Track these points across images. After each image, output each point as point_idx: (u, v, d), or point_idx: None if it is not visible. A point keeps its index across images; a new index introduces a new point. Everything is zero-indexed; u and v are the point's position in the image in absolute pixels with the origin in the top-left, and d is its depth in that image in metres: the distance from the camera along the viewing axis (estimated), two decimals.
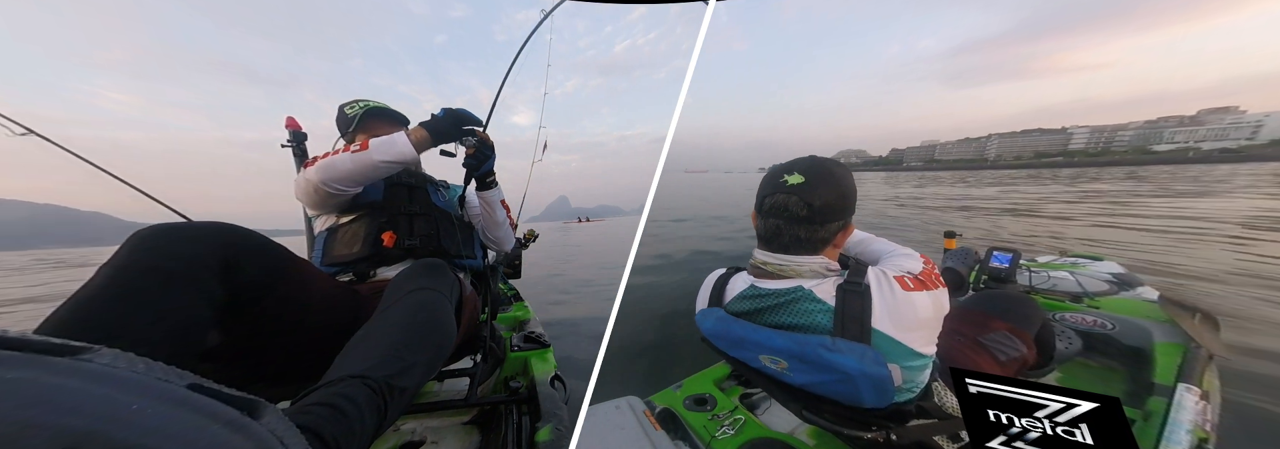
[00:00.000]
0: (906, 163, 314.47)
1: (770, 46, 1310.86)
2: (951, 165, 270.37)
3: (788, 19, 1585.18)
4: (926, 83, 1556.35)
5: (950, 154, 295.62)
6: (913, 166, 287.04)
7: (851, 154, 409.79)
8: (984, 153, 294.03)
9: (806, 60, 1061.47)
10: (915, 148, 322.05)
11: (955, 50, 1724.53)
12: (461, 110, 1.10)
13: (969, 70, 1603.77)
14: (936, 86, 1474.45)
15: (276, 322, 0.80)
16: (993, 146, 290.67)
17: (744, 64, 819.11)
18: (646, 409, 1.20)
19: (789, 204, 0.74)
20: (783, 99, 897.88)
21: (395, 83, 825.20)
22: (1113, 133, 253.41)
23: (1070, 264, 2.25)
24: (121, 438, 0.22)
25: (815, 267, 0.77)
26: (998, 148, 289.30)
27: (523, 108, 18.52)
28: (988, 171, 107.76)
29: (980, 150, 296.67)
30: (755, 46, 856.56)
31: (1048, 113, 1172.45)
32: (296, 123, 1.54)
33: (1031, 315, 1.15)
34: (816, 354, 0.70)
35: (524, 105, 11.96)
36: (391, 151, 1.02)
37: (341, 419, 0.52)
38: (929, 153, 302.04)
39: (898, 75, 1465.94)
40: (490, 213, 1.34)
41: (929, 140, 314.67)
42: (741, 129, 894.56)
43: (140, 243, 0.64)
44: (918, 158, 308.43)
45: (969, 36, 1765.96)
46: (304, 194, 1.07)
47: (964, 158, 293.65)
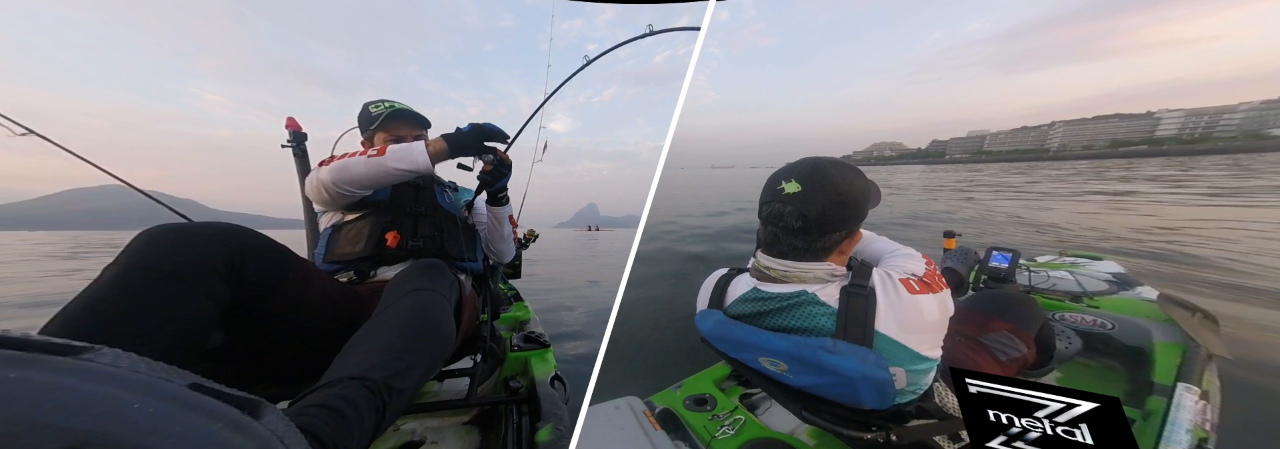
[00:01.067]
0: (949, 155, 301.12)
1: (798, 41, 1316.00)
2: (1004, 157, 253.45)
3: (817, 10, 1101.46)
4: (973, 70, 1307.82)
5: (1002, 144, 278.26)
6: (957, 159, 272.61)
7: (886, 147, 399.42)
8: (1045, 142, 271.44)
9: (837, 53, 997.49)
10: (960, 139, 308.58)
11: (1009, 33, 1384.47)
12: (487, 125, 1.09)
13: (1026, 54, 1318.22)
14: (985, 73, 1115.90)
15: (278, 322, 0.80)
16: (1057, 135, 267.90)
17: (771, 59, 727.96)
18: (646, 409, 1.20)
19: (784, 214, 0.72)
20: (812, 93, 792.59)
21: (444, 88, 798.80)
22: (1215, 116, 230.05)
23: (1070, 264, 2.25)
24: (123, 437, 0.22)
25: (820, 272, 0.75)
26: (1063, 136, 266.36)
27: (561, 115, 18.44)
28: (1049, 163, 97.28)
29: (1040, 140, 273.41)
30: (783, 41, 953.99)
31: (1123, 97, 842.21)
32: (296, 123, 1.54)
33: (1032, 315, 1.15)
34: (816, 356, 0.69)
35: (562, 113, 11.84)
36: (407, 160, 1.02)
37: (340, 421, 0.52)
38: (976, 144, 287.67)
39: (938, 63, 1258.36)
40: (497, 227, 1.38)
41: (977, 130, 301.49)
42: (768, 124, 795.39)
43: (146, 243, 0.64)
44: (963, 150, 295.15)
45: (1027, 17, 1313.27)
46: (314, 192, 1.08)
47: (1019, 148, 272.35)
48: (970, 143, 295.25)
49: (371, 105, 1.26)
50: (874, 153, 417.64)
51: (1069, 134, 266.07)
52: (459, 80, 78.37)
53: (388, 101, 1.27)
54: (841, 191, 0.71)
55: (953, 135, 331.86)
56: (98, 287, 0.59)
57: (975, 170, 38.06)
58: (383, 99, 1.29)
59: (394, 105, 1.25)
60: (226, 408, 0.28)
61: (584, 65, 1.68)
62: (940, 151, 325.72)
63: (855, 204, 0.72)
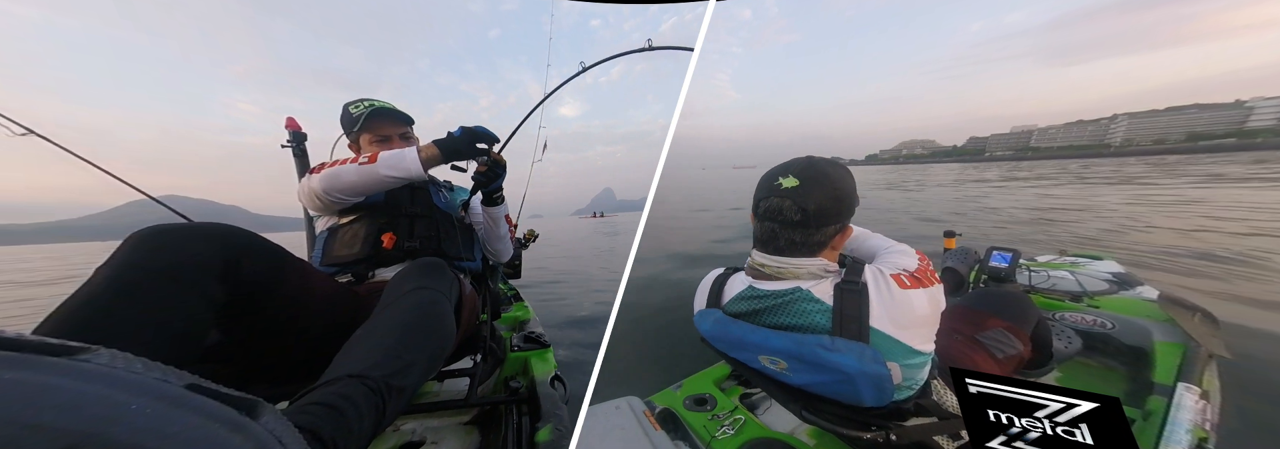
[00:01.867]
0: (990, 152, 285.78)
1: (822, 36, 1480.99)
2: (1055, 153, 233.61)
3: (842, 5, 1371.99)
4: (1018, 62, 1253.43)
5: (1053, 140, 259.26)
6: (998, 156, 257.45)
7: (917, 145, 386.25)
8: (1105, 137, 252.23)
9: (864, 48, 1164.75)
10: (1002, 135, 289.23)
11: (1056, 22, 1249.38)
12: (478, 128, 1.09)
13: (1079, 44, 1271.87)
14: (1030, 66, 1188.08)
15: (275, 322, 0.80)
16: (1119, 129, 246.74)
17: (794, 57, 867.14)
18: (646, 409, 1.20)
19: (783, 208, 0.74)
20: (837, 90, 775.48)
21: (457, 81, 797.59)
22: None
23: (1070, 264, 2.25)
24: (120, 438, 0.22)
25: (813, 268, 0.76)
26: (1127, 130, 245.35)
27: (570, 99, 17.98)
28: (1109, 160, 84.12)
29: (1100, 134, 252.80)
30: (806, 37, 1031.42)
31: (1196, 86, 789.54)
32: (296, 123, 1.54)
33: (1027, 312, 1.16)
34: (815, 354, 0.70)
35: (571, 97, 11.59)
36: (399, 168, 1.02)
37: (340, 419, 0.52)
38: (1022, 140, 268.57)
39: (977, 57, 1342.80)
40: (493, 227, 1.37)
41: (1022, 126, 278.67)
42: (792, 123, 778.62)
43: (140, 243, 0.64)
44: (1006, 146, 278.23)
45: (1076, 5, 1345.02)
46: (306, 199, 1.08)
47: (1074, 144, 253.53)
48: (1014, 139, 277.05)
49: (351, 106, 1.23)
50: (903, 151, 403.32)
51: (1135, 127, 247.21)
52: (470, 72, 77.91)
53: (367, 100, 1.24)
54: (837, 186, 0.74)
55: (994, 131, 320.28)
56: (91, 287, 0.59)
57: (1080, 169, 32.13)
58: (362, 98, 1.26)
59: (374, 104, 1.22)
60: (224, 408, 0.28)
61: (579, 72, 1.68)
62: (979, 149, 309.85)
63: (848, 199, 0.76)
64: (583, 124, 55.64)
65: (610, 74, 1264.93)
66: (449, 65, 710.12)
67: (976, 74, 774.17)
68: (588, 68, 1.68)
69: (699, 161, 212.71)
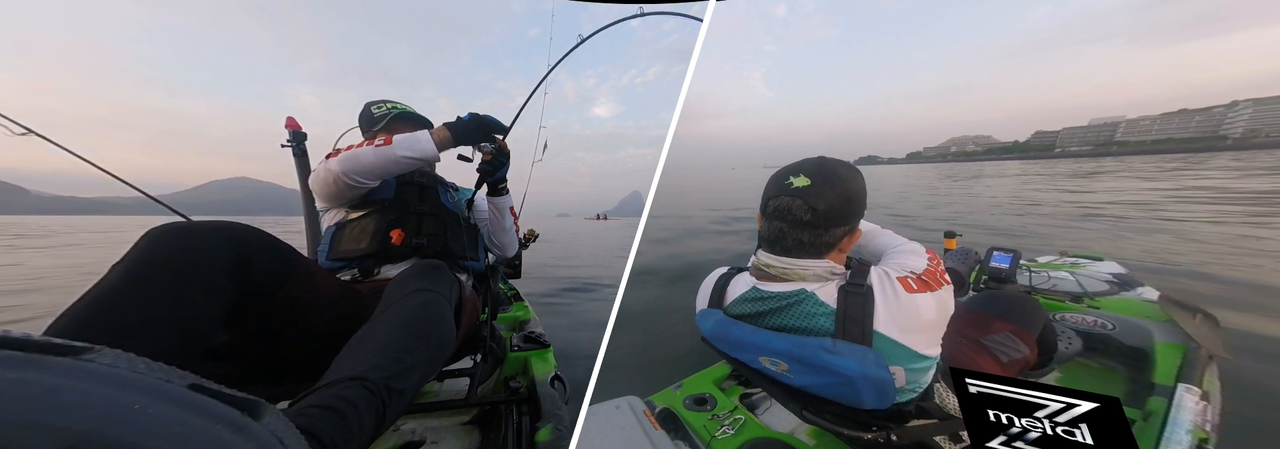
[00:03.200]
0: (1061, 148, 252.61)
1: (863, 28, 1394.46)
2: (1149, 147, 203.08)
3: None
4: (1104, 45, 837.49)
5: (1146, 133, 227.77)
6: (1072, 152, 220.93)
7: (967, 141, 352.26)
8: (1219, 128, 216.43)
9: (910, 40, 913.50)
10: (1078, 129, 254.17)
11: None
12: (487, 116, 1.14)
13: (1181, 20, 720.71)
14: (1116, 48, 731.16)
15: (280, 321, 0.80)
16: (1241, 118, 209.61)
17: (832, 51, 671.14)
18: (646, 409, 1.20)
19: (793, 207, 0.73)
20: (877, 85, 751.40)
21: (494, 79, 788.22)
22: None
23: (1070, 264, 2.25)
24: (122, 438, 0.22)
25: (819, 270, 0.75)
26: (1252, 119, 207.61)
27: (604, 99, 17.49)
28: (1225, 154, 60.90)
29: (1212, 125, 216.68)
30: (846, 31, 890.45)
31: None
32: (296, 123, 1.55)
33: (1034, 317, 1.15)
34: (816, 356, 0.69)
35: (605, 97, 11.27)
36: (414, 148, 1.06)
37: (339, 421, 0.52)
38: (1105, 133, 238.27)
39: (1047, 42, 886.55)
40: (498, 219, 1.39)
41: (1105, 117, 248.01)
42: (826, 121, 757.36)
43: (155, 240, 0.64)
44: (1083, 141, 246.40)
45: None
46: (322, 184, 1.08)
47: (1176, 136, 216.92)
48: (1093, 133, 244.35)
49: (374, 106, 1.28)
50: (952, 148, 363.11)
51: (1262, 115, 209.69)
52: (508, 70, 76.67)
53: (390, 102, 1.29)
54: (848, 187, 0.73)
55: (1065, 124, 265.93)
56: (105, 285, 0.59)
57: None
58: (385, 100, 1.31)
59: (397, 107, 1.27)
60: (226, 409, 0.28)
61: (578, 44, 1.66)
62: (1047, 144, 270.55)
63: (858, 200, 0.74)
64: (616, 124, 53.83)
65: (646, 75, 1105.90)
66: (489, 63, 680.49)
67: (1047, 61, 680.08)
68: (585, 39, 1.66)
69: (730, 161, 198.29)
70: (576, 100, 34.01)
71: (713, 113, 35.87)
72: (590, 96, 31.69)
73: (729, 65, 53.41)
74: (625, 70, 37.54)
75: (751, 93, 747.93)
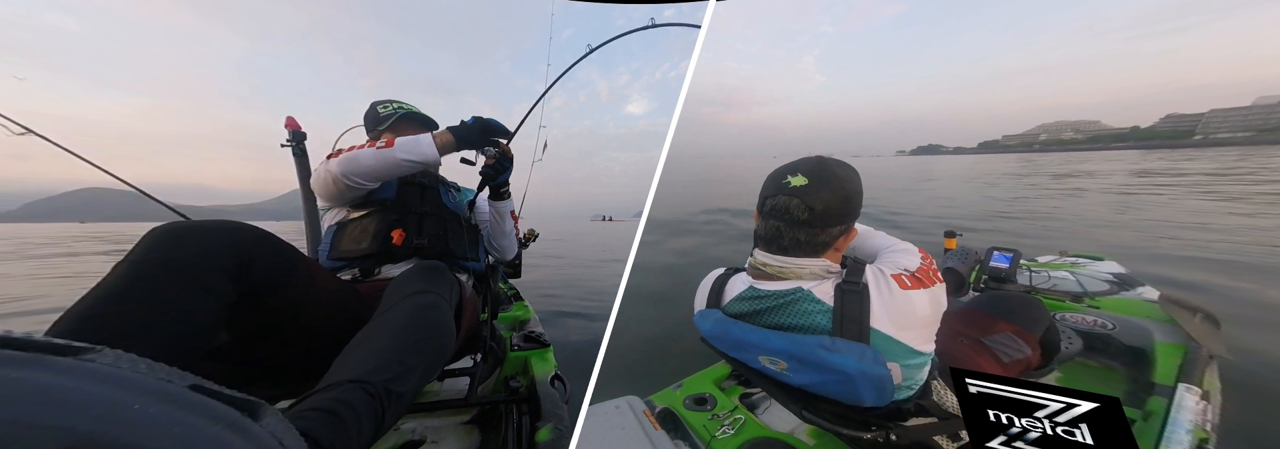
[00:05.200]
0: (1204, 134, 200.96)
1: (939, 3, 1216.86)
2: None
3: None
4: (1251, 9, 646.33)
5: None
6: (1221, 139, 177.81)
7: (1066, 127, 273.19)
8: None
9: (996, 13, 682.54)
10: (1231, 111, 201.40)
11: None
12: (491, 120, 1.13)
13: None
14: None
15: (281, 321, 0.80)
16: None
17: (898, 31, 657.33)
18: (646, 409, 1.20)
19: (790, 206, 0.73)
20: (950, 66, 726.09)
21: (531, 82, 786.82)
22: None
23: (1070, 264, 2.25)
24: (123, 438, 0.22)
25: (816, 269, 0.76)
26: None
27: (637, 96, 17.08)
28: None
29: None
30: (915, 7, 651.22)
31: None
32: (296, 123, 1.55)
33: (1038, 318, 1.15)
34: (815, 354, 0.70)
35: (639, 94, 10.96)
36: (415, 151, 1.05)
37: (338, 424, 0.52)
38: (1273, 116, 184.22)
39: (1173, 9, 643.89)
40: (499, 222, 1.39)
41: (1272, 96, 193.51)
42: (888, 106, 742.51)
43: (157, 240, 0.64)
44: (1237, 126, 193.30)
45: None
46: (322, 185, 1.08)
47: None
48: (1255, 116, 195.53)
49: (380, 106, 1.27)
50: (1042, 135, 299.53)
51: None
52: (543, 74, 77.80)
53: (396, 103, 1.29)
54: (846, 187, 0.73)
55: (1212, 105, 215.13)
56: (107, 285, 0.59)
57: None
58: (391, 100, 1.31)
59: (404, 107, 1.27)
60: (226, 409, 0.28)
61: (586, 54, 1.65)
62: (1186, 130, 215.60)
63: (855, 200, 0.75)
64: (649, 122, 52.43)
65: (681, 68, 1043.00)
66: (526, 67, 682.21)
67: (1177, 32, 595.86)
68: (594, 49, 1.62)
69: (772, 151, 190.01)
70: (610, 99, 32.65)
71: (761, 100, 33.54)
72: (623, 94, 30.36)
73: (781, 50, 49.90)
74: (659, 64, 35.92)
75: (804, 77, 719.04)
